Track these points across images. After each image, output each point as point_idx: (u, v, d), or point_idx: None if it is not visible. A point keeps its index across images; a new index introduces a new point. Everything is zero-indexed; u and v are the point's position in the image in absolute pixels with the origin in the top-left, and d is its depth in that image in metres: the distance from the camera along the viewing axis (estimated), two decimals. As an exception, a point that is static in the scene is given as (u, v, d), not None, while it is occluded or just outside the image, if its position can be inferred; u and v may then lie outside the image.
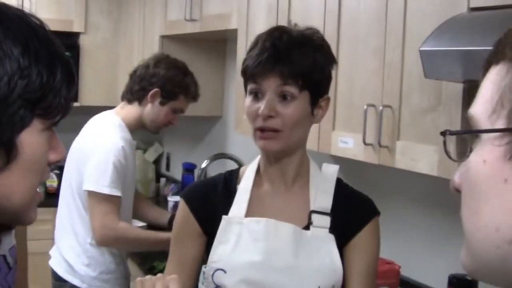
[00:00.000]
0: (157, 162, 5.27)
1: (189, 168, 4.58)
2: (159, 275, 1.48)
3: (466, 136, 0.77)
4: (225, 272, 1.78)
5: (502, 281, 0.71)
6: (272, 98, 1.72)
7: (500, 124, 0.72)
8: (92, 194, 2.90)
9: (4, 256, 1.51)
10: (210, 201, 1.87)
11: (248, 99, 1.77)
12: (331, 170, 1.88)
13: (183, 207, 1.90)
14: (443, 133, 0.78)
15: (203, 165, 3.82)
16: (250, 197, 1.84)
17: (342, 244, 1.82)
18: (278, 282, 1.76)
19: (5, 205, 1.05)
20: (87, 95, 4.91)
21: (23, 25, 1.03)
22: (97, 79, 4.84)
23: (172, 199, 4.28)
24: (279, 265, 1.76)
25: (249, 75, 1.75)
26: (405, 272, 2.56)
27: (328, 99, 1.83)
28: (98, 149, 2.92)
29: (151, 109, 3.11)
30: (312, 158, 1.92)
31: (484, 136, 0.73)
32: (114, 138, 2.97)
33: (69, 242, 3.06)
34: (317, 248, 1.79)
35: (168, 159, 5.26)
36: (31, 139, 1.02)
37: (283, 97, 1.73)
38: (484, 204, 0.72)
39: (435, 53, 1.80)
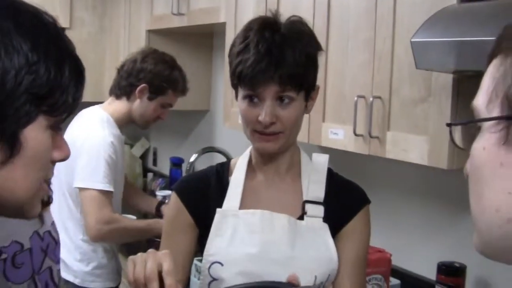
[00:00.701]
0: (144, 157, 5.27)
1: (176, 163, 4.59)
2: (150, 250, 1.45)
3: (472, 127, 0.82)
4: (222, 265, 1.78)
5: (508, 259, 0.75)
6: (271, 104, 1.71)
7: (496, 112, 0.76)
8: (84, 191, 2.90)
9: (49, 232, 1.58)
10: (203, 193, 1.88)
11: (244, 104, 1.74)
12: (322, 160, 1.90)
13: (175, 199, 1.90)
14: (449, 125, 0.82)
15: (192, 159, 3.83)
16: (243, 189, 1.85)
17: (334, 233, 1.84)
18: (275, 273, 1.75)
19: (9, 198, 1.07)
20: None
21: (35, 21, 1.05)
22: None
23: (160, 193, 4.28)
24: (275, 257, 1.77)
25: (246, 81, 1.71)
26: (396, 261, 2.60)
27: (318, 87, 1.84)
28: (88, 145, 2.92)
29: (139, 105, 3.12)
30: (303, 150, 1.94)
31: (484, 125, 0.78)
32: (104, 134, 2.97)
33: (60, 238, 3.06)
34: (313, 238, 1.80)
35: (155, 154, 5.26)
36: (35, 135, 1.04)
37: (281, 100, 1.73)
38: (485, 188, 0.77)
39: (426, 44, 1.83)
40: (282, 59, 1.69)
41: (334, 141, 2.48)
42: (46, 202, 1.52)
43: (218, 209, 1.82)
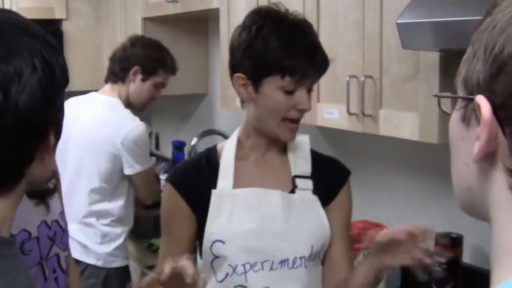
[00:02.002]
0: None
1: (178, 146, 4.63)
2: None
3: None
4: (223, 242, 1.85)
5: (479, 217, 0.83)
6: (306, 92, 1.83)
7: (460, 92, 0.82)
8: (141, 173, 3.27)
9: (57, 221, 1.65)
10: (196, 180, 1.93)
11: (280, 94, 1.80)
12: (304, 140, 2.00)
13: (170, 191, 1.95)
14: (435, 96, 0.88)
15: (193, 142, 3.89)
16: (236, 170, 1.91)
17: (322, 206, 1.94)
18: (274, 246, 1.85)
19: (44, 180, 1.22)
20: (73, 80, 4.79)
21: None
22: (82, 64, 4.85)
23: (163, 177, 4.34)
24: (274, 230, 1.85)
25: (298, 74, 1.78)
26: (394, 234, 2.65)
27: None
28: (135, 135, 3.20)
29: (134, 87, 3.33)
30: (300, 130, 2.00)
31: (458, 100, 0.83)
32: (134, 119, 3.26)
33: (80, 225, 3.18)
34: (305, 209, 1.89)
35: (157, 138, 5.31)
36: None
37: (309, 90, 1.85)
38: (453, 156, 0.84)
39: (411, 25, 1.88)
40: (322, 51, 1.83)
41: (329, 121, 2.54)
42: (52, 190, 1.62)
43: (213, 191, 1.89)
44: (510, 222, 0.74)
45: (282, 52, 1.76)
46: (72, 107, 3.10)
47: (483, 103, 0.73)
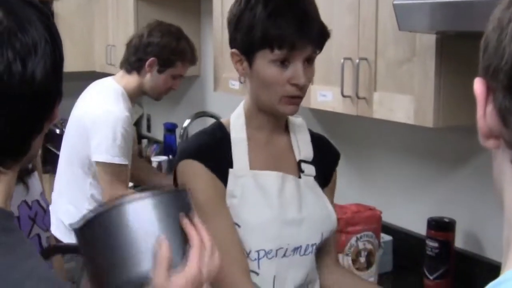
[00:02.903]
0: (137, 123, 5.29)
1: (170, 128, 4.63)
2: None
3: None
4: (239, 226, 1.75)
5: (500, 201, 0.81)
6: (303, 65, 1.70)
7: None
8: (102, 165, 2.96)
9: (38, 201, 1.64)
10: (215, 154, 1.78)
11: (273, 68, 1.69)
12: (301, 123, 1.92)
13: (198, 169, 1.74)
14: None
15: (185, 124, 3.87)
16: (248, 150, 1.80)
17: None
18: (290, 234, 1.77)
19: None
20: (65, 62, 4.87)
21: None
22: (74, 45, 4.83)
23: (155, 159, 4.35)
24: (290, 218, 1.77)
25: (286, 45, 1.66)
26: (387, 218, 2.65)
27: None
28: (106, 119, 2.96)
29: (150, 78, 3.15)
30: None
31: None
32: (120, 107, 3.01)
33: (66, 206, 3.13)
34: (313, 196, 1.84)
35: (148, 120, 5.30)
36: None
37: (308, 61, 1.72)
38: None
39: (408, 6, 1.86)
40: (316, 21, 1.70)
41: (323, 103, 2.52)
42: (31, 169, 1.60)
43: (230, 170, 1.75)
44: None
45: (268, 22, 1.66)
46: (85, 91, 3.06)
47: (477, 82, 0.74)
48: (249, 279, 1.72)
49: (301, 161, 1.86)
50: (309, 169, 1.87)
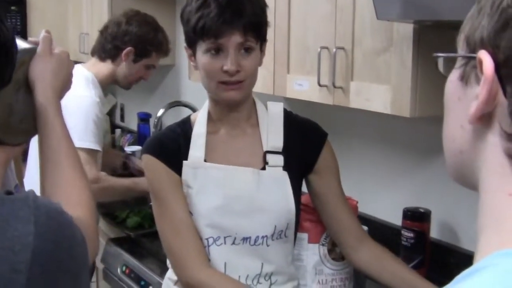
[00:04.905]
0: (111, 113, 5.26)
1: (144, 118, 4.60)
2: None
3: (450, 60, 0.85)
4: (192, 214, 1.87)
5: (467, 185, 0.80)
6: (235, 53, 1.77)
7: (461, 50, 0.79)
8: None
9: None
10: (173, 150, 1.90)
11: (206, 57, 1.79)
12: (278, 110, 1.98)
13: (151, 161, 1.90)
14: (435, 56, 0.85)
15: (159, 113, 3.84)
16: (208, 143, 1.90)
17: (306, 173, 1.98)
18: (238, 225, 1.86)
19: None
20: None
21: None
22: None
23: (128, 149, 4.30)
24: (238, 209, 1.86)
25: (211, 34, 1.76)
26: (362, 208, 2.64)
27: (266, 41, 1.91)
28: (76, 105, 2.89)
29: (124, 67, 3.16)
30: (261, 101, 2.00)
31: (457, 59, 0.81)
32: (90, 93, 3.00)
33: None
34: (273, 188, 1.89)
35: (122, 110, 5.25)
36: None
37: (245, 50, 1.80)
38: (448, 118, 0.82)
39: (386, -5, 1.86)
40: (244, 10, 1.76)
41: (299, 92, 2.51)
42: None
43: (184, 162, 1.88)
44: (502, 187, 0.71)
45: (196, 15, 1.77)
46: None
47: (486, 59, 0.71)
48: (207, 262, 1.84)
49: (267, 152, 1.91)
50: (276, 160, 1.91)
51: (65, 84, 1.63)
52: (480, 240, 0.73)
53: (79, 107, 2.92)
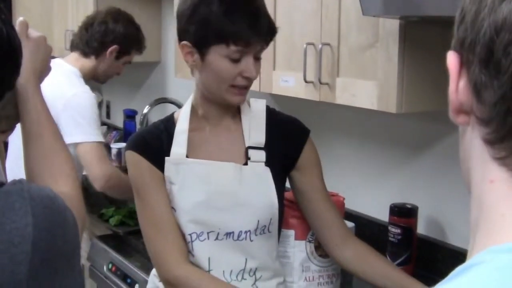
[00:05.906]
0: (97, 110, 5.23)
1: (130, 115, 4.58)
2: None
3: None
4: (175, 210, 1.87)
5: (469, 189, 0.80)
6: (253, 60, 1.80)
7: None
8: (83, 145, 2.95)
9: None
10: (156, 147, 1.91)
11: (226, 62, 1.77)
12: (260, 107, 1.99)
13: (134, 158, 1.90)
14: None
15: (145, 110, 3.83)
16: (191, 139, 1.90)
17: (288, 170, 1.98)
18: (220, 220, 1.87)
19: None
20: None
21: None
22: (32, 29, 4.74)
23: (114, 146, 4.28)
24: (221, 205, 1.86)
25: (241, 42, 1.75)
26: (349, 204, 2.64)
27: None
28: (77, 101, 2.97)
29: (106, 63, 3.21)
30: (255, 97, 1.99)
31: None
32: (87, 89, 3.06)
33: None
34: (255, 183, 1.90)
35: (108, 107, 5.23)
36: None
37: (256, 57, 1.82)
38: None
39: (371, -10, 1.85)
40: (269, 20, 1.81)
41: (285, 89, 2.51)
42: None
43: (166, 158, 1.88)
44: (485, 176, 0.71)
45: (225, 19, 1.75)
46: None
47: (450, 55, 0.72)
48: (186, 258, 1.86)
49: (249, 147, 1.92)
50: (258, 155, 1.92)
51: (43, 68, 1.60)
52: (474, 235, 0.72)
53: (80, 103, 2.98)
